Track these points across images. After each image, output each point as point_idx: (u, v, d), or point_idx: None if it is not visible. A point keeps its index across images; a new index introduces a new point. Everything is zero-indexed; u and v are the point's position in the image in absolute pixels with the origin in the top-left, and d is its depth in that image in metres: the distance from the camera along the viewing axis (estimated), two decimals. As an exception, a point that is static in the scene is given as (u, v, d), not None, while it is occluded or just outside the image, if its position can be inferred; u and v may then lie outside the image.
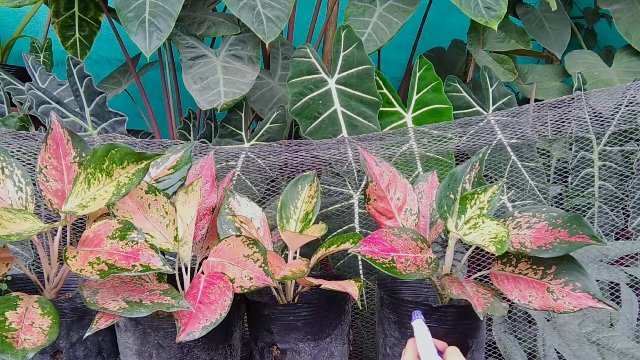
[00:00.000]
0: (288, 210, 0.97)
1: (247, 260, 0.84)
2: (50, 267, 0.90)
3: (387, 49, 1.73)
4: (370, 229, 1.21)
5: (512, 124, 1.27)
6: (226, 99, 1.25)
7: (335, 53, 1.33)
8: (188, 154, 0.99)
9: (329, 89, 1.30)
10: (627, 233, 1.36)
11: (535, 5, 1.78)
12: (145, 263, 0.73)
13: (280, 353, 0.90)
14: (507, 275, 0.84)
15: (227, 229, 0.95)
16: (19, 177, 0.89)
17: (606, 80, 1.53)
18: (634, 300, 1.22)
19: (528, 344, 1.20)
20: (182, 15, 1.46)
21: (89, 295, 0.77)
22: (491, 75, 1.42)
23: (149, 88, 1.64)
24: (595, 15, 2.04)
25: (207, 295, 0.80)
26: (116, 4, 1.27)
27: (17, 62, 2.02)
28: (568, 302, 0.77)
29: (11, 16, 2.08)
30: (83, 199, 0.82)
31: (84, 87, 1.39)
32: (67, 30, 1.61)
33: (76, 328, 0.87)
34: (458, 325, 0.87)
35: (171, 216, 0.88)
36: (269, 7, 1.31)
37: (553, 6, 1.43)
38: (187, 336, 0.75)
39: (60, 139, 0.91)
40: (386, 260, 0.79)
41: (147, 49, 1.23)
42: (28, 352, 0.71)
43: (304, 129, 1.27)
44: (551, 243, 0.80)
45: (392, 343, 0.92)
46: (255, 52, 1.43)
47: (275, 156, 1.24)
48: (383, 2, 1.48)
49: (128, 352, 0.86)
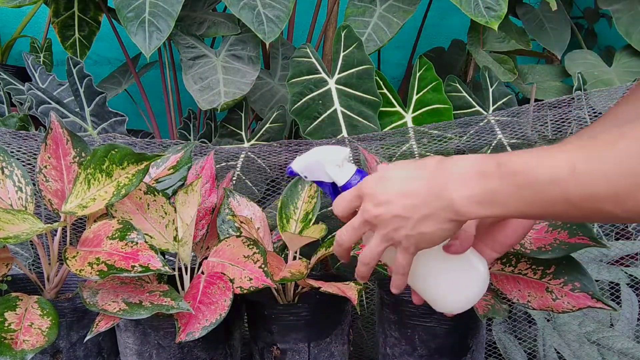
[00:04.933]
0: (288, 210, 0.97)
1: (247, 260, 0.84)
2: (50, 267, 0.90)
3: (387, 49, 1.73)
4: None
5: (512, 124, 1.27)
6: (226, 99, 1.25)
7: (335, 53, 1.33)
8: (188, 154, 0.99)
9: (329, 89, 1.30)
10: (627, 233, 1.36)
11: (535, 5, 1.78)
12: (144, 264, 0.73)
13: (280, 353, 0.90)
14: (507, 275, 0.84)
15: (227, 229, 0.95)
16: (19, 177, 0.89)
17: (606, 80, 1.53)
18: (634, 300, 1.22)
19: (528, 344, 1.20)
20: (182, 15, 1.46)
21: (89, 296, 0.77)
22: (491, 75, 1.42)
23: (149, 88, 1.64)
24: (595, 15, 2.04)
25: (207, 295, 0.80)
26: (116, 4, 1.27)
27: (17, 62, 2.02)
28: (567, 302, 0.77)
29: (11, 16, 2.08)
30: (83, 200, 0.82)
31: (84, 87, 1.39)
32: (66, 30, 1.61)
33: (76, 328, 0.87)
34: (458, 325, 0.87)
35: (170, 216, 0.88)
36: (269, 7, 1.31)
37: (553, 6, 1.43)
38: (187, 336, 0.75)
39: (60, 139, 0.91)
40: (386, 261, 0.79)
41: (147, 49, 1.23)
42: (27, 354, 0.71)
43: (303, 129, 1.27)
44: (551, 244, 0.80)
45: (392, 343, 0.92)
46: (255, 52, 1.43)
47: (275, 156, 1.24)
48: (383, 2, 1.48)
49: (128, 352, 0.86)
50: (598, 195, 0.44)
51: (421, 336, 0.88)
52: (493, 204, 0.51)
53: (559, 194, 0.46)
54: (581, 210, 0.46)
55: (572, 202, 0.46)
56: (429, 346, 0.87)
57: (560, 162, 0.46)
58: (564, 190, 0.46)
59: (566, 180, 0.46)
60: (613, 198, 0.43)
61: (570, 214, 0.47)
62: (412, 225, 0.56)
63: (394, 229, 0.57)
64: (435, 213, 0.54)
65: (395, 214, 0.56)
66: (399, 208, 0.56)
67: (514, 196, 0.49)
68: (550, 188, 0.47)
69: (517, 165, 0.49)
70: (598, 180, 0.44)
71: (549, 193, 0.47)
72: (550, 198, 0.47)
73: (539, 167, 0.48)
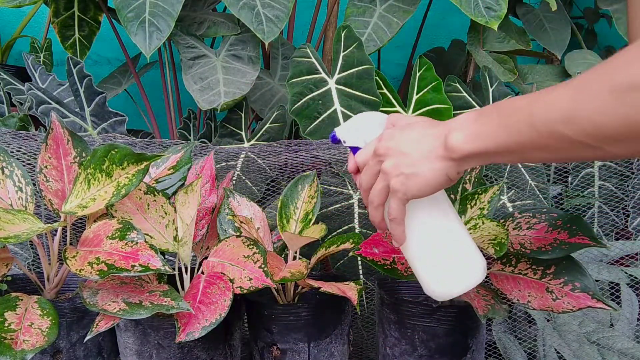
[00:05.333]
0: (288, 210, 0.97)
1: (247, 260, 0.84)
2: (50, 267, 0.90)
3: (387, 49, 1.73)
4: (370, 229, 1.21)
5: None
6: (226, 99, 1.25)
7: (335, 53, 1.33)
8: (188, 154, 0.99)
9: (329, 89, 1.30)
10: (627, 233, 1.36)
11: (535, 5, 1.78)
12: (144, 263, 0.73)
13: (280, 353, 0.90)
14: (507, 275, 0.84)
15: (227, 229, 0.95)
16: (19, 177, 0.89)
17: (606, 80, 1.52)
18: (634, 300, 1.22)
19: (528, 344, 1.20)
20: (182, 15, 1.46)
21: (89, 296, 0.77)
22: (491, 75, 1.42)
23: (149, 88, 1.64)
24: (595, 15, 2.04)
25: (207, 295, 0.80)
26: (116, 4, 1.27)
27: (17, 62, 2.02)
28: (567, 302, 0.77)
29: (11, 16, 2.08)
30: (83, 200, 0.82)
31: (84, 87, 1.39)
32: (66, 30, 1.61)
33: (76, 328, 0.87)
34: (458, 325, 0.87)
35: (170, 216, 0.88)
36: (268, 7, 1.31)
37: (553, 6, 1.43)
38: (187, 336, 0.75)
39: (60, 139, 0.91)
40: (387, 262, 0.79)
41: (147, 49, 1.23)
42: (27, 354, 0.71)
43: (304, 129, 1.27)
44: (551, 244, 0.80)
45: (392, 343, 0.92)
46: (255, 52, 1.43)
47: (275, 156, 1.24)
48: (383, 2, 1.48)
49: (128, 352, 0.86)
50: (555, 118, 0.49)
51: (421, 336, 0.88)
52: (480, 136, 0.56)
53: (526, 116, 0.51)
54: (540, 136, 0.50)
55: (535, 126, 0.51)
56: (429, 346, 0.88)
57: (535, 94, 0.52)
58: (530, 113, 0.51)
59: (532, 105, 0.51)
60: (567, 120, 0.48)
61: (534, 142, 0.51)
62: (410, 162, 0.61)
63: (395, 164, 0.62)
64: (431, 150, 0.60)
65: (399, 148, 0.62)
66: (404, 143, 0.62)
67: (497, 125, 0.54)
68: (521, 112, 0.52)
69: (506, 101, 0.55)
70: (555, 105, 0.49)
71: (519, 117, 0.52)
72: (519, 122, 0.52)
73: (519, 99, 0.53)
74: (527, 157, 0.55)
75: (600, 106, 0.45)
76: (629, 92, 0.43)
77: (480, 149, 0.56)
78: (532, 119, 0.51)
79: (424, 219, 0.66)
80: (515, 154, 0.54)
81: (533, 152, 0.53)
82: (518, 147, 0.53)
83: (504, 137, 0.54)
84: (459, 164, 0.59)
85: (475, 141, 0.56)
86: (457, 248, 0.67)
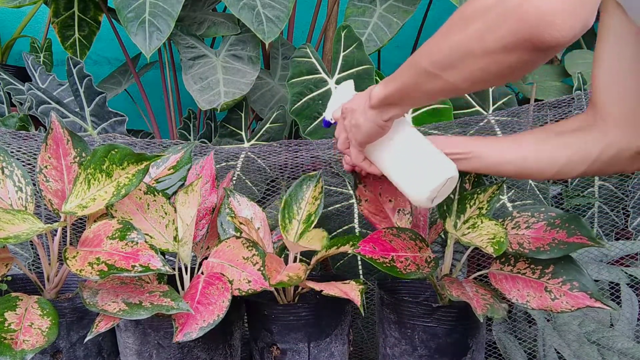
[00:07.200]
0: (291, 210, 0.96)
1: (246, 262, 0.84)
2: (50, 267, 0.90)
3: (387, 49, 1.73)
4: (370, 229, 1.21)
5: (512, 124, 1.27)
6: (226, 99, 1.26)
7: (335, 53, 1.33)
8: (188, 154, 0.99)
9: (329, 89, 1.30)
10: (627, 233, 1.36)
11: (535, 5, 1.78)
12: (144, 263, 0.73)
13: (280, 353, 0.90)
14: (506, 274, 0.84)
15: (227, 229, 0.95)
16: (19, 177, 0.89)
17: (606, 80, 1.52)
18: (634, 300, 1.22)
19: (528, 344, 1.20)
20: (182, 15, 1.46)
21: (89, 297, 0.77)
22: (491, 75, 1.41)
23: (149, 88, 1.64)
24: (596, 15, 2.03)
25: (206, 295, 0.80)
26: (116, 4, 1.27)
27: (17, 62, 2.02)
28: (566, 302, 0.77)
29: (11, 16, 2.08)
30: (83, 200, 0.82)
31: (84, 87, 1.39)
32: (66, 30, 1.61)
33: (76, 328, 0.87)
34: (458, 325, 0.87)
35: (170, 216, 0.88)
36: (268, 7, 1.31)
37: (553, 6, 1.43)
38: (184, 337, 0.75)
39: (60, 139, 0.91)
40: (386, 260, 0.79)
41: (147, 49, 1.23)
42: (27, 354, 0.71)
43: (304, 129, 1.27)
44: (549, 244, 0.80)
45: (392, 343, 0.92)
46: (255, 52, 1.43)
47: (275, 156, 1.24)
48: (383, 2, 1.48)
49: (128, 352, 0.86)
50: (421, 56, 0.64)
51: (421, 336, 0.88)
52: (387, 84, 0.70)
53: (412, 62, 0.66)
54: (415, 73, 0.66)
55: (413, 66, 0.66)
56: (429, 346, 0.88)
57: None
58: (414, 59, 0.66)
59: (417, 53, 0.66)
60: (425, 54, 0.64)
61: (412, 80, 0.67)
62: (355, 116, 0.78)
63: (348, 120, 0.80)
64: (364, 104, 0.75)
65: (351, 107, 0.79)
66: (355, 102, 0.79)
67: (398, 73, 0.69)
68: (411, 60, 0.67)
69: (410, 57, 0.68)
70: (424, 47, 0.64)
71: (409, 64, 0.67)
72: (409, 67, 0.67)
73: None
74: (413, 97, 0.69)
75: (439, 39, 0.61)
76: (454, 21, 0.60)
77: (387, 93, 0.70)
78: (413, 61, 0.66)
79: (388, 143, 0.80)
80: (409, 97, 0.69)
81: (414, 92, 0.68)
82: (407, 88, 0.68)
83: (400, 81, 0.68)
84: (381, 111, 0.73)
85: (384, 88, 0.71)
86: (420, 156, 0.80)
